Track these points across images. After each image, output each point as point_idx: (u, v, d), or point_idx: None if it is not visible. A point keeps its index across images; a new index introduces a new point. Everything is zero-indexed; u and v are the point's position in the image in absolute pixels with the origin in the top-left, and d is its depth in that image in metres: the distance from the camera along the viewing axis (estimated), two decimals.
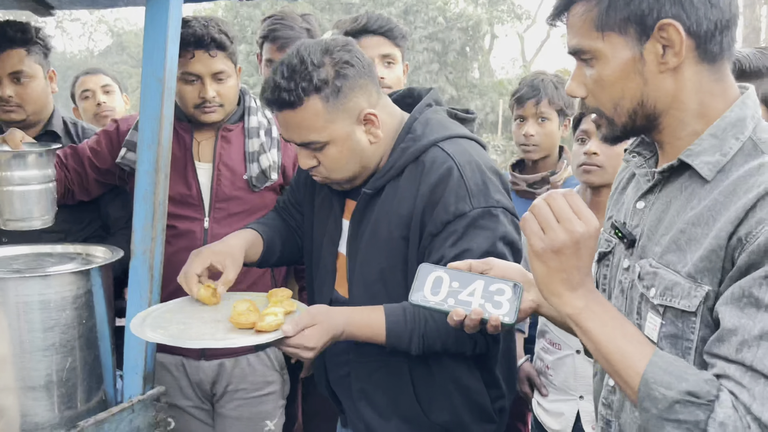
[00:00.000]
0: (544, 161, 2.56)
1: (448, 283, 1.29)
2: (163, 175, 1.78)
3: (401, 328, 1.55)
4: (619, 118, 1.14)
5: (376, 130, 1.62)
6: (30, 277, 1.66)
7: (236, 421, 2.32)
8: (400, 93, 1.82)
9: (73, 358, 1.70)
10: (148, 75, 1.73)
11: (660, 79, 1.09)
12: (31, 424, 1.66)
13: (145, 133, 1.76)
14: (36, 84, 2.29)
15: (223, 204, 2.21)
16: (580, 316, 1.08)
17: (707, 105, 1.10)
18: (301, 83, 1.52)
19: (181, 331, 1.52)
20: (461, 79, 20.59)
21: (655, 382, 0.99)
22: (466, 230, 1.53)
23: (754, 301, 0.96)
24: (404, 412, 1.66)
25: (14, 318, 1.63)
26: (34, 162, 1.88)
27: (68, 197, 2.25)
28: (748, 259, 0.98)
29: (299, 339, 1.47)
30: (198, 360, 2.26)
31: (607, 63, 1.11)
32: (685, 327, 1.06)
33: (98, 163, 2.26)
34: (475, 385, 1.66)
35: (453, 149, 1.59)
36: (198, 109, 2.17)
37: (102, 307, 1.77)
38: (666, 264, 1.09)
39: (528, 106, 2.51)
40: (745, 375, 0.95)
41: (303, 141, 1.60)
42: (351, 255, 1.69)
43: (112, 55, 27.51)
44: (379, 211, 1.63)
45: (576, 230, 1.05)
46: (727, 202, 1.02)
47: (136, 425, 1.78)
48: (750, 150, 1.06)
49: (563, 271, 1.07)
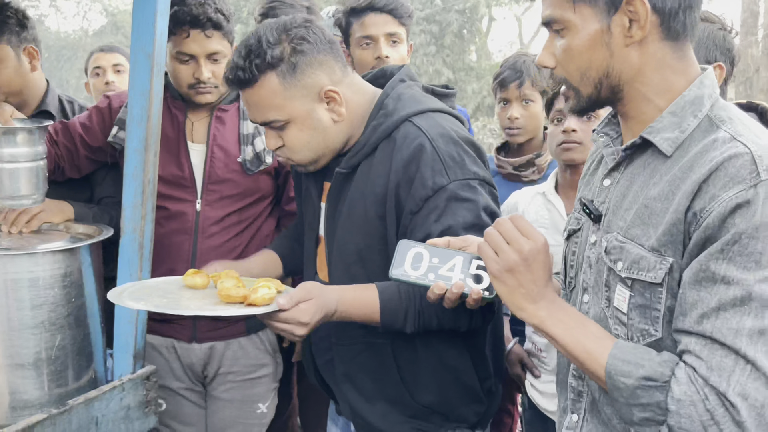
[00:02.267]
0: (529, 144, 2.54)
1: (428, 258, 1.31)
2: (153, 153, 1.77)
3: (395, 305, 1.52)
4: (585, 88, 1.19)
5: (338, 107, 1.59)
6: (18, 255, 1.65)
7: (228, 403, 2.31)
8: (373, 73, 1.79)
9: (62, 336, 1.69)
10: (137, 50, 1.71)
11: (625, 52, 1.14)
12: (20, 401, 1.66)
13: (135, 110, 1.74)
14: (4, 67, 2.19)
15: (215, 186, 2.17)
16: (544, 325, 1.16)
17: (669, 81, 1.16)
18: (255, 60, 1.52)
19: (166, 304, 1.48)
20: (458, 62, 20.48)
21: (616, 373, 1.08)
22: (448, 204, 1.51)
23: (710, 276, 1.02)
24: (390, 395, 1.64)
25: (2, 296, 1.63)
26: (24, 139, 1.85)
27: (57, 174, 2.22)
28: (703, 234, 1.03)
29: (294, 313, 1.43)
30: (189, 342, 2.25)
31: (576, 33, 1.15)
32: (653, 297, 1.11)
33: (89, 141, 2.22)
34: (462, 365, 1.64)
35: (425, 123, 1.56)
36: (192, 89, 2.13)
37: (91, 286, 1.76)
38: (631, 238, 1.14)
39: (511, 89, 2.47)
40: (705, 348, 1.02)
41: (264, 120, 1.58)
42: (329, 237, 1.67)
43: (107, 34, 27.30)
44: (354, 190, 1.60)
45: (523, 248, 1.14)
46: (684, 177, 1.08)
47: (126, 404, 1.77)
48: (706, 126, 1.12)
49: (521, 286, 1.16)
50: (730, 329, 1.00)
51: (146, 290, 1.58)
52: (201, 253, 2.16)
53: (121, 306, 1.76)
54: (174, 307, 1.45)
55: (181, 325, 2.22)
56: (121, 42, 26.35)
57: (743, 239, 1.00)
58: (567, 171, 2.11)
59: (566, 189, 2.14)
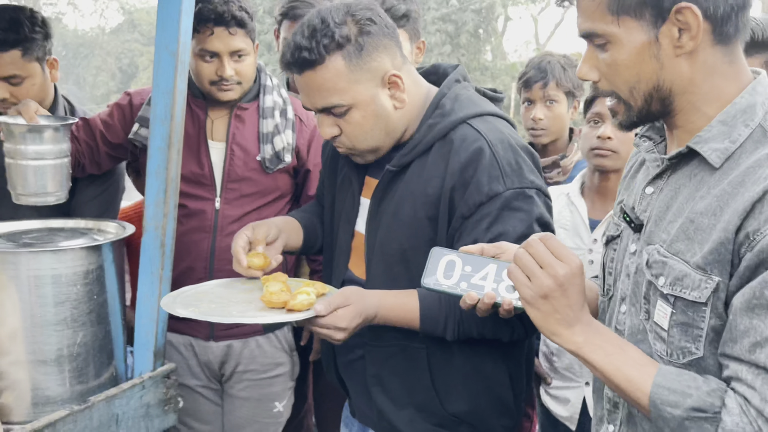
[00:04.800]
0: (553, 145, 2.51)
1: (461, 267, 1.29)
2: (176, 151, 1.76)
3: (436, 312, 1.50)
4: (636, 102, 1.14)
5: (401, 94, 1.54)
6: (42, 252, 1.66)
7: (245, 401, 2.31)
8: (424, 69, 1.75)
9: (84, 333, 1.69)
10: (161, 48, 1.71)
11: (675, 62, 1.09)
12: (42, 397, 1.67)
13: (158, 108, 1.74)
14: (32, 82, 2.18)
15: (235, 185, 2.18)
16: (581, 351, 1.11)
17: (720, 88, 1.10)
18: (322, 40, 1.46)
19: (213, 310, 1.49)
20: (473, 62, 20.44)
21: (662, 402, 1.03)
22: (501, 212, 1.46)
23: (765, 303, 0.96)
24: (419, 401, 1.61)
25: (26, 292, 1.63)
26: (50, 136, 1.85)
27: (78, 170, 2.23)
28: (756, 258, 0.98)
29: (331, 319, 1.43)
30: (207, 341, 2.25)
31: (621, 47, 1.10)
32: (696, 316, 1.06)
33: (110, 137, 2.23)
34: (498, 376, 1.60)
35: (484, 127, 1.52)
36: (214, 86, 2.13)
37: (113, 283, 1.77)
38: (675, 253, 1.09)
39: (535, 89, 2.45)
40: (758, 377, 0.97)
41: (325, 105, 1.52)
42: (370, 234, 1.63)
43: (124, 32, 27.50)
44: (403, 189, 1.56)
45: (558, 273, 1.08)
46: (735, 193, 1.02)
47: (147, 401, 1.78)
48: (759, 137, 1.06)
49: (556, 312, 1.10)
50: None
51: (200, 295, 1.59)
52: (219, 251, 2.16)
53: (142, 304, 1.78)
54: (218, 315, 1.45)
55: (198, 323, 2.21)
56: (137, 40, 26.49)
57: None
58: (595, 175, 2.09)
59: (592, 193, 2.11)
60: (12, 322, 1.63)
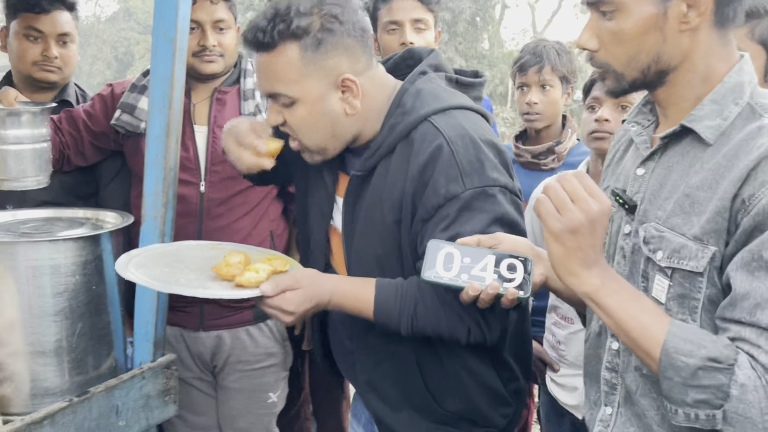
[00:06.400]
0: (547, 131, 2.49)
1: (460, 258, 1.28)
2: (174, 140, 1.75)
3: (391, 305, 1.45)
4: (631, 73, 1.16)
5: (353, 100, 1.48)
6: (40, 242, 1.64)
7: (238, 393, 2.30)
8: (399, 54, 1.67)
9: (82, 324, 1.68)
10: (159, 36, 1.69)
11: (678, 37, 1.11)
12: (41, 389, 1.65)
13: (156, 96, 1.72)
14: (75, 47, 2.33)
15: (218, 167, 2.17)
16: (598, 294, 1.10)
17: (713, 67, 1.14)
18: (278, 25, 1.42)
19: (163, 274, 1.47)
20: (471, 50, 20.36)
21: (676, 351, 1.02)
22: (459, 213, 1.41)
23: (764, 265, 0.99)
24: (415, 402, 1.59)
25: (24, 282, 1.61)
26: (28, 121, 1.83)
27: (64, 163, 2.23)
28: (752, 221, 1.01)
29: (278, 301, 1.40)
30: (197, 331, 2.24)
31: (629, 16, 1.11)
32: (693, 287, 1.09)
33: (93, 126, 2.23)
34: (486, 370, 1.58)
35: (444, 123, 1.45)
36: (197, 57, 2.12)
37: (112, 273, 1.75)
38: (671, 227, 1.12)
39: (530, 74, 2.43)
40: (761, 336, 0.99)
41: (271, 91, 1.48)
42: (347, 237, 1.59)
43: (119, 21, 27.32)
44: (371, 194, 1.51)
45: (592, 209, 1.07)
46: (730, 165, 1.05)
47: (146, 392, 1.77)
48: (748, 114, 1.10)
49: (580, 250, 1.09)
50: None
51: (159, 257, 1.57)
52: (206, 234, 2.16)
53: (142, 294, 1.76)
54: (164, 281, 1.43)
55: (187, 313, 2.22)
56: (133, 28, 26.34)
57: None
58: (599, 161, 2.08)
59: (596, 179, 2.10)
60: (10, 312, 1.62)
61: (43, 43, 2.25)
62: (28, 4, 2.22)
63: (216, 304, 2.19)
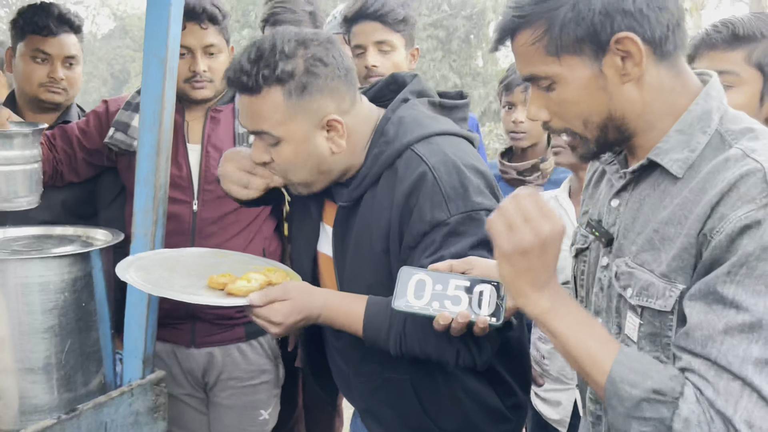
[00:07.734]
0: (533, 149, 2.53)
1: (431, 285, 1.26)
2: (165, 158, 1.76)
3: (380, 321, 1.45)
4: (591, 133, 1.13)
5: (339, 139, 1.48)
6: (30, 259, 1.65)
7: (230, 410, 2.30)
8: (383, 80, 1.67)
9: (72, 341, 1.68)
10: (150, 55, 1.71)
11: (624, 90, 1.09)
12: (30, 406, 1.65)
13: (147, 115, 1.73)
14: (80, 69, 2.38)
15: (211, 186, 2.16)
16: (546, 316, 1.08)
17: (672, 103, 1.10)
18: (263, 70, 1.41)
19: (161, 278, 1.48)
20: (465, 67, 20.46)
21: (621, 380, 1.00)
22: (445, 239, 1.40)
23: (719, 298, 0.97)
24: (413, 426, 1.58)
25: (13, 300, 1.62)
26: (20, 142, 1.84)
27: (57, 178, 2.24)
28: (711, 255, 0.99)
29: (266, 311, 1.40)
30: (188, 348, 2.24)
31: (567, 85, 1.10)
32: (663, 325, 1.07)
33: (86, 143, 2.24)
34: (482, 388, 1.57)
35: (426, 151, 1.45)
36: (188, 84, 2.13)
37: (102, 290, 1.76)
38: (641, 263, 1.09)
39: (516, 93, 2.46)
40: (710, 370, 0.97)
41: (255, 129, 1.48)
42: (339, 266, 1.59)
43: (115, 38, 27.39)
44: (359, 223, 1.52)
45: (543, 230, 1.04)
46: (697, 199, 1.03)
47: (135, 409, 1.77)
48: (717, 144, 1.06)
49: (530, 271, 1.06)
50: (737, 356, 0.95)
51: (164, 261, 1.59)
52: None
53: (131, 310, 1.77)
54: (156, 285, 1.44)
55: (179, 330, 2.22)
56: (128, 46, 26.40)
57: (751, 261, 0.94)
58: (582, 179, 2.10)
59: (578, 195, 2.13)
60: None
61: (49, 65, 2.27)
62: (36, 26, 2.25)
63: (208, 322, 2.19)
